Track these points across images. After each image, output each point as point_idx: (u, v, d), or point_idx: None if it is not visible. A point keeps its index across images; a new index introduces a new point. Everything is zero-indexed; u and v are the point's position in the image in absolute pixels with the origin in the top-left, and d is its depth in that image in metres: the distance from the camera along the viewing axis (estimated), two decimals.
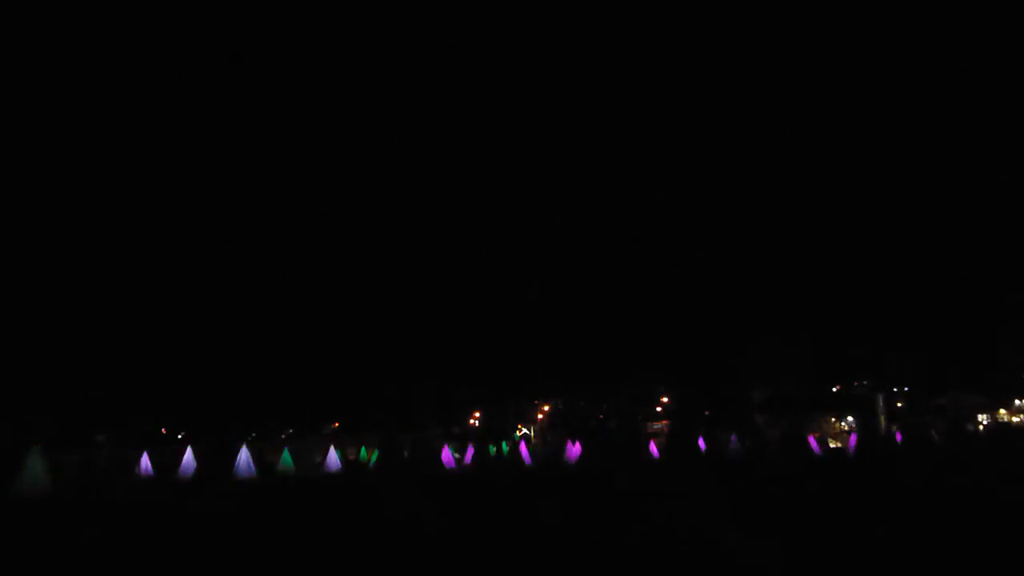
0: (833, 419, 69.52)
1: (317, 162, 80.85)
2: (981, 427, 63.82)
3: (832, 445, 55.59)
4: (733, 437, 44.35)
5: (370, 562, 9.17)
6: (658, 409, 74.75)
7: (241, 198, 75.90)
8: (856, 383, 71.60)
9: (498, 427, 68.18)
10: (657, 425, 69.92)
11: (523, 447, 42.42)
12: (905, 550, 8.92)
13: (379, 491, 20.61)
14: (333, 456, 40.27)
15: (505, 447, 40.44)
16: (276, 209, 76.72)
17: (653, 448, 44.56)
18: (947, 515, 11.85)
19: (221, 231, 74.59)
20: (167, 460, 35.98)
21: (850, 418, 67.80)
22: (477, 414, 78.72)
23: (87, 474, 30.19)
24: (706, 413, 68.70)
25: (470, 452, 42.74)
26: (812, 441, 44.11)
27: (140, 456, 33.79)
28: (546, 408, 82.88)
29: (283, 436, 64.67)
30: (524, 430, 77.56)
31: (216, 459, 33.14)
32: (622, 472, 26.00)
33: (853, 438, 46.20)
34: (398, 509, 14.91)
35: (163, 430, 63.66)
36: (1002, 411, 68.44)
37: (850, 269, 66.22)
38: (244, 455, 33.23)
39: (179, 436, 61.43)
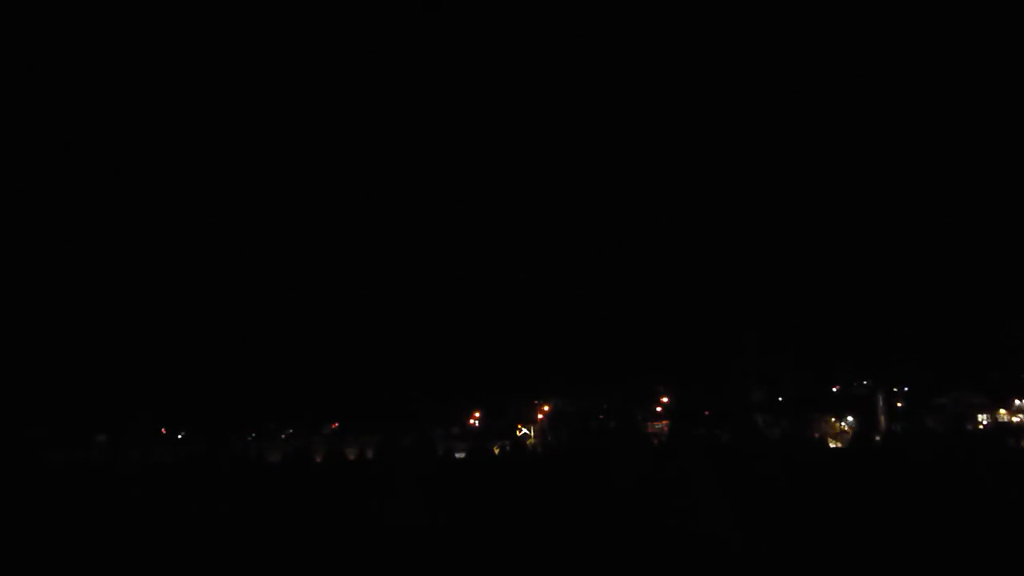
0: (833, 419, 69.35)
1: (316, 160, 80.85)
2: (981, 427, 63.77)
3: (832, 445, 55.60)
4: None
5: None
6: (658, 409, 74.63)
7: (242, 199, 75.96)
8: (856, 383, 71.42)
9: (501, 427, 68.21)
10: (657, 425, 69.81)
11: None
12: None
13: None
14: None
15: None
16: (276, 209, 76.74)
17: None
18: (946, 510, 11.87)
19: (222, 231, 74.61)
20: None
21: (850, 418, 67.65)
22: (477, 414, 78.60)
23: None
24: (706, 413, 68.67)
25: None
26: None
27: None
28: (546, 408, 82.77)
29: (283, 436, 64.63)
30: (524, 430, 77.48)
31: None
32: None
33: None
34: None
35: (163, 430, 63.61)
36: (1002, 411, 68.34)
37: (849, 268, 66.29)
38: None
39: (179, 436, 61.44)
